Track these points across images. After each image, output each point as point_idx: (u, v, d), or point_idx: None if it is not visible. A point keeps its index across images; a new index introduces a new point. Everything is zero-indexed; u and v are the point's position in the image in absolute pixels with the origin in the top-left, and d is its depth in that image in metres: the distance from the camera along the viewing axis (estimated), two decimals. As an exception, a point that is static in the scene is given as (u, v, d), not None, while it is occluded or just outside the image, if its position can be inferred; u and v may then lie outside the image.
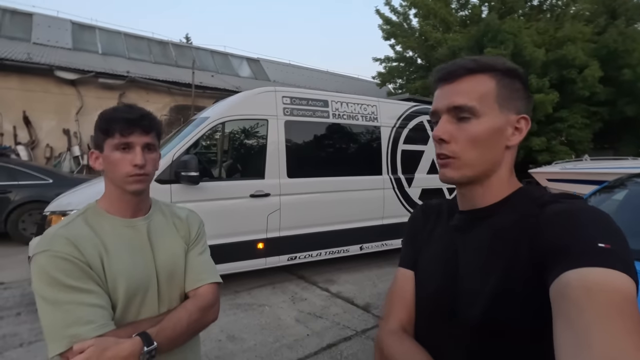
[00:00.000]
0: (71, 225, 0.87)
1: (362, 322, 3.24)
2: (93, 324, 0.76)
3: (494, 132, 0.61)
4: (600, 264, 0.44)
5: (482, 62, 0.63)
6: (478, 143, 0.61)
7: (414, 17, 13.90)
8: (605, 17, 13.08)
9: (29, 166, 6.16)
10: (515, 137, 0.63)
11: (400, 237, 4.92)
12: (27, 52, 9.57)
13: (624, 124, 12.74)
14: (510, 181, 0.66)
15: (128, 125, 0.86)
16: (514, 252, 0.57)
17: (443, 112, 0.64)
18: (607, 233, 0.49)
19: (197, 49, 15.88)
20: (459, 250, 0.67)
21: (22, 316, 3.21)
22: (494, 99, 0.61)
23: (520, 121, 0.63)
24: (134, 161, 0.87)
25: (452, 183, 0.66)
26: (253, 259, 3.86)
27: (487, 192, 0.65)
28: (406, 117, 5.01)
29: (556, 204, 0.57)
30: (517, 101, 0.63)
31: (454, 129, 0.63)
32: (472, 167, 0.63)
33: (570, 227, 0.51)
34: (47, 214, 3.33)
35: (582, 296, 0.42)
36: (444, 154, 0.64)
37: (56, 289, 0.77)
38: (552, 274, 0.48)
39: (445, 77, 0.65)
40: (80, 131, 9.89)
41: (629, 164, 7.61)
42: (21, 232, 5.55)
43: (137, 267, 0.90)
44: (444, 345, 0.65)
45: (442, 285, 0.68)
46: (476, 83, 0.62)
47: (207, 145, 4.26)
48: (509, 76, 0.63)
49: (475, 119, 0.61)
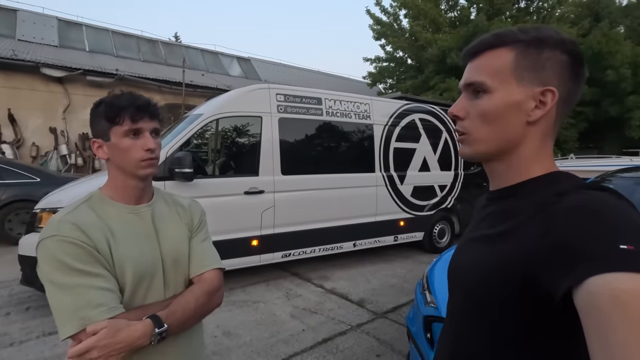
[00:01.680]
0: (77, 211, 0.87)
1: (357, 316, 3.27)
2: (103, 307, 0.77)
3: (508, 106, 0.59)
4: (625, 268, 0.41)
5: (504, 35, 0.60)
6: (489, 119, 0.60)
7: (404, 18, 14.03)
8: (590, 20, 13.41)
9: (15, 165, 6.03)
10: (538, 111, 0.58)
11: (392, 234, 4.98)
12: (11, 48, 9.35)
13: (608, 123, 13.10)
14: (539, 162, 0.61)
15: (138, 111, 0.87)
16: (514, 237, 0.56)
17: (462, 89, 0.65)
18: (630, 232, 0.44)
19: (187, 48, 15.73)
20: (474, 229, 0.70)
21: (11, 316, 3.15)
22: (510, 72, 0.59)
23: (546, 94, 0.57)
24: (146, 146, 0.89)
25: (467, 159, 0.66)
26: (247, 256, 3.85)
27: (509, 170, 0.63)
28: (398, 115, 5.07)
29: (576, 194, 0.52)
30: (543, 72, 0.57)
31: (468, 105, 0.63)
32: (485, 143, 0.62)
33: (588, 224, 0.46)
34: (37, 211, 3.27)
35: (611, 308, 0.39)
36: (458, 130, 0.65)
37: (65, 272, 0.77)
38: (569, 277, 0.44)
39: (468, 53, 0.65)
40: (67, 129, 9.70)
41: (613, 161, 7.84)
42: (7, 232, 5.42)
43: (143, 252, 0.90)
44: (450, 313, 0.71)
45: (454, 259, 0.72)
46: (493, 57, 0.60)
47: (200, 142, 4.23)
48: (535, 45, 0.58)
49: (487, 95, 0.60)
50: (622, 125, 12.54)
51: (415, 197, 5.15)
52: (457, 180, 5.63)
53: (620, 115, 12.27)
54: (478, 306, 0.61)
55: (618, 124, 12.72)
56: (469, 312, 0.64)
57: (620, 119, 12.40)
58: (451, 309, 0.72)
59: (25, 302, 3.42)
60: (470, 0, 13.31)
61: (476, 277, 0.61)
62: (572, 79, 0.58)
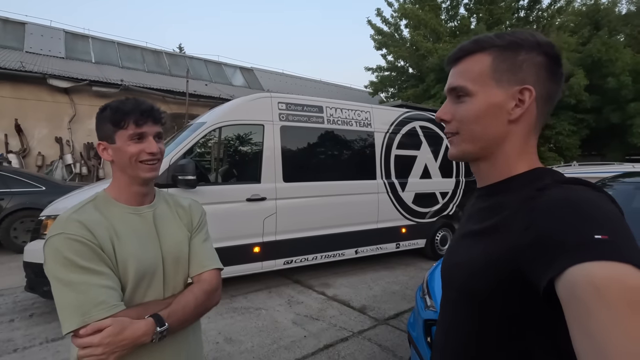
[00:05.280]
0: (82, 210, 0.90)
1: (359, 323, 3.27)
2: (105, 305, 0.80)
3: (490, 107, 0.62)
4: (600, 257, 0.43)
5: (482, 41, 0.64)
6: (472, 120, 0.64)
7: (404, 28, 14.22)
8: (589, 28, 13.54)
9: (21, 173, 6.10)
10: (517, 110, 0.62)
11: (394, 241, 4.98)
12: (19, 60, 9.55)
13: (610, 130, 13.08)
14: (523, 159, 0.64)
15: (142, 116, 0.91)
16: (500, 231, 0.58)
17: (446, 94, 0.69)
18: (605, 222, 0.46)
19: (190, 58, 15.96)
20: (463, 226, 0.73)
21: (15, 322, 3.17)
22: (489, 75, 0.62)
23: (524, 92, 0.61)
24: (149, 149, 0.93)
25: (455, 159, 0.70)
26: (249, 262, 3.87)
27: (493, 168, 0.66)
28: (399, 123, 5.11)
29: (555, 189, 0.54)
30: (520, 72, 0.61)
31: (453, 108, 0.67)
32: (472, 143, 0.66)
33: (565, 216, 0.49)
34: (43, 218, 3.32)
35: (591, 296, 0.41)
36: (446, 133, 0.69)
37: (69, 269, 0.80)
38: (550, 268, 0.46)
39: (450, 61, 0.69)
40: (72, 139, 9.83)
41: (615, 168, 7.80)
42: (13, 240, 5.47)
43: (145, 251, 0.94)
44: (442, 309, 0.73)
45: (446, 257, 0.76)
46: (472, 62, 0.64)
47: (203, 150, 4.29)
48: (511, 49, 0.62)
49: (469, 98, 0.64)
50: (624, 132, 12.52)
51: (417, 204, 5.16)
52: (458, 187, 5.65)
53: (622, 122, 12.26)
54: (466, 301, 0.63)
55: (620, 131, 12.70)
56: (458, 307, 0.66)
57: (622, 126, 12.39)
58: (443, 306, 0.74)
59: (29, 309, 3.44)
60: (470, 10, 13.51)
61: (465, 272, 0.63)
62: (550, 79, 0.62)
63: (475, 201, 0.73)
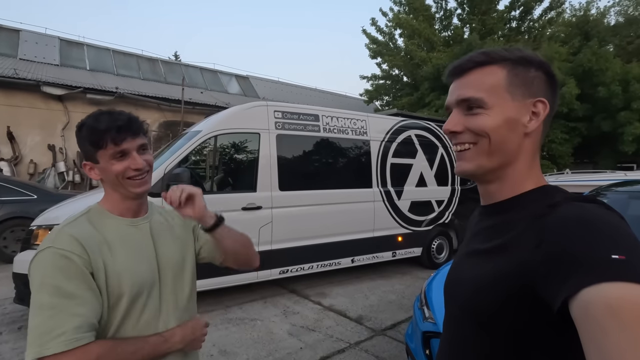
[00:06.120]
0: (75, 223, 0.88)
1: (356, 334, 3.23)
2: (64, 337, 0.74)
3: (507, 122, 0.60)
4: (617, 277, 0.42)
5: (493, 53, 0.63)
6: (492, 133, 0.61)
7: (399, 37, 14.44)
8: (580, 39, 13.83)
9: (12, 181, 6.01)
10: (533, 122, 0.61)
11: (391, 249, 4.97)
12: (13, 67, 9.48)
13: (601, 138, 13.28)
14: (531, 176, 0.63)
15: (119, 132, 0.87)
16: (509, 249, 0.56)
17: (453, 105, 0.65)
18: (622, 242, 0.46)
19: (186, 66, 15.98)
20: (468, 245, 0.71)
21: (3, 335, 3.08)
22: (504, 89, 0.61)
23: (537, 104, 0.61)
24: (134, 166, 0.89)
25: (468, 175, 0.65)
26: (244, 272, 3.82)
27: (504, 185, 0.64)
28: (394, 132, 5.14)
29: (568, 206, 0.53)
30: (532, 87, 0.61)
31: (464, 120, 0.63)
32: (489, 157, 0.62)
33: (581, 235, 0.47)
34: (34, 228, 3.26)
35: (606, 317, 0.40)
36: (458, 145, 0.65)
37: (45, 290, 0.76)
38: (564, 288, 0.45)
39: (456, 71, 0.65)
40: (66, 147, 9.74)
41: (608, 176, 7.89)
42: (2, 250, 5.36)
43: (142, 263, 0.92)
44: (445, 326, 0.71)
45: (450, 274, 0.74)
46: (485, 74, 0.62)
47: (199, 159, 4.26)
48: (522, 64, 0.62)
49: (486, 112, 0.61)
50: (615, 140, 12.71)
51: (413, 213, 5.16)
52: (454, 196, 5.66)
53: (613, 131, 12.46)
54: (472, 320, 0.62)
55: (611, 139, 12.90)
56: (464, 326, 0.65)
57: (613, 134, 12.58)
58: (447, 324, 0.72)
59: (18, 321, 3.35)
60: (463, 21, 13.74)
61: (470, 288, 0.62)
62: (552, 95, 0.63)
63: (480, 219, 0.71)
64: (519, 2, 13.18)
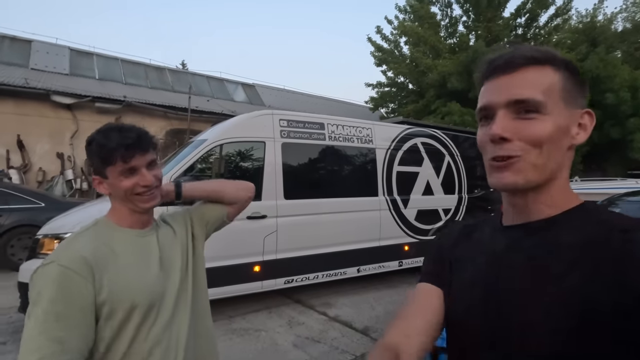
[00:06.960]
0: (82, 237, 0.88)
1: (361, 346, 3.16)
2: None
3: (561, 131, 0.54)
4: None
5: (546, 51, 0.56)
6: (545, 145, 0.53)
7: (404, 45, 14.45)
8: (586, 45, 13.71)
9: (21, 190, 6.08)
10: (581, 135, 0.56)
11: (397, 259, 4.90)
12: (24, 77, 9.66)
13: (611, 146, 13.09)
14: (571, 192, 0.58)
15: (128, 150, 0.87)
16: (588, 281, 0.48)
17: (500, 106, 0.55)
18: None
19: (193, 75, 16.16)
20: (501, 272, 0.58)
21: (7, 345, 3.08)
22: (559, 94, 0.54)
23: (584, 116, 0.56)
24: (143, 182, 0.90)
25: (512, 189, 0.57)
26: (249, 282, 3.79)
27: (546, 201, 0.57)
28: (400, 140, 5.10)
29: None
30: (579, 97, 0.57)
31: (515, 126, 0.54)
32: (539, 171, 0.54)
33: None
34: (40, 237, 3.27)
35: None
36: (503, 156, 0.55)
37: (40, 305, 0.75)
38: None
39: (503, 66, 0.56)
40: (74, 155, 9.85)
41: (618, 184, 7.76)
42: (9, 258, 5.39)
43: (152, 274, 0.92)
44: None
45: (480, 313, 0.58)
46: (541, 74, 0.54)
47: (204, 167, 4.27)
48: (570, 70, 0.56)
49: (541, 117, 0.53)
50: (625, 148, 12.53)
51: (420, 221, 5.10)
52: (461, 204, 5.59)
53: (622, 138, 12.29)
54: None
55: (620, 146, 12.72)
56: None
57: (622, 141, 12.41)
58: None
59: (22, 331, 3.34)
60: (469, 28, 13.73)
61: (563, 334, 0.49)
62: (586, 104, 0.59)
63: (511, 239, 0.60)
64: (525, 10, 13.17)
